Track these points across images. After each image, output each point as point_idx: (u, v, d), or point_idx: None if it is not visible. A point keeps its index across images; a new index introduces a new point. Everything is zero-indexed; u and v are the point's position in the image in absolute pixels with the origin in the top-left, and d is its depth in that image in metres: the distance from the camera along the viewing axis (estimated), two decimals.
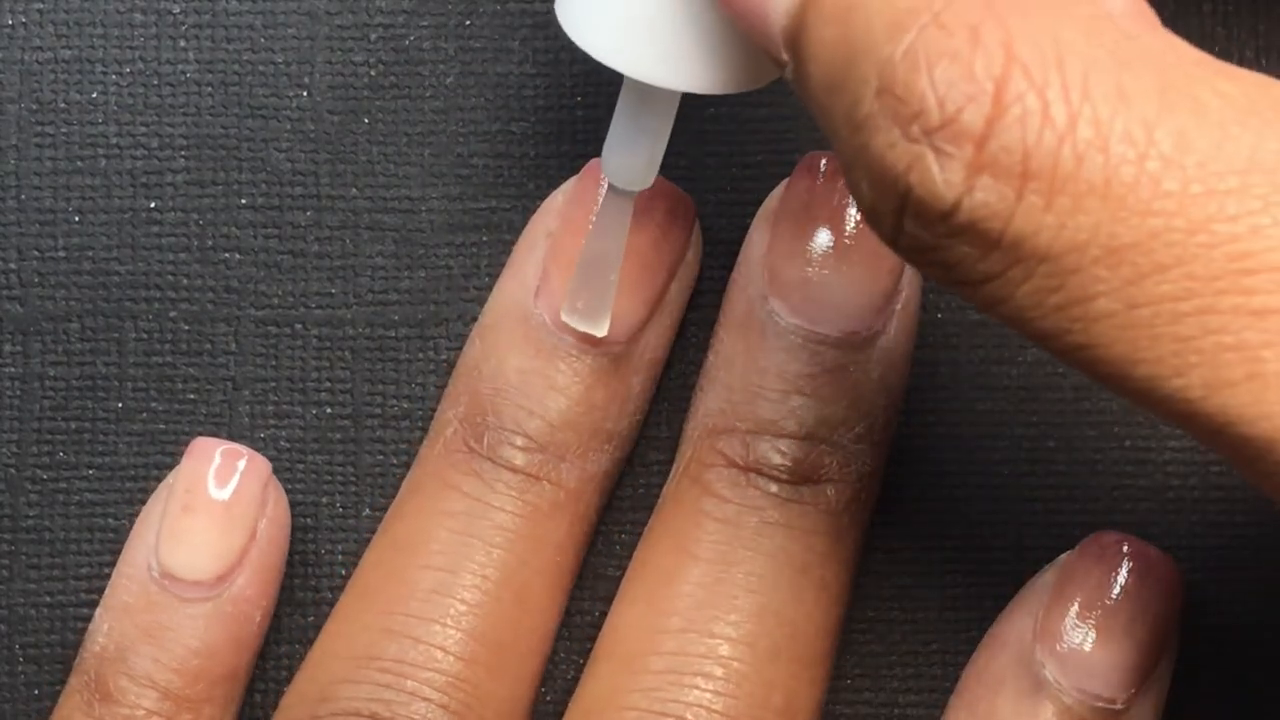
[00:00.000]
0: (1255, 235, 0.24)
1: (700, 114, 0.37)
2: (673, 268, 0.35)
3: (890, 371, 0.35)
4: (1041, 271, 0.25)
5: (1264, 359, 0.24)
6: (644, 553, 0.35)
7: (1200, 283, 0.25)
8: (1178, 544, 0.36)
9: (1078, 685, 0.34)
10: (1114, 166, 0.25)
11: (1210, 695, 0.36)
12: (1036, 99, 0.25)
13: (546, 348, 0.35)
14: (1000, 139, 0.25)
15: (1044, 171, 0.25)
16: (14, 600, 0.37)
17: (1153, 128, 0.25)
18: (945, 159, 0.25)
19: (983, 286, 0.26)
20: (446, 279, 0.37)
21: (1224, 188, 0.25)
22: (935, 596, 0.37)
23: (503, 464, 0.35)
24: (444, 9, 0.38)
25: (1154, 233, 0.25)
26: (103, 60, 0.38)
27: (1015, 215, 0.25)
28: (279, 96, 0.37)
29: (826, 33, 0.26)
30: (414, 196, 0.37)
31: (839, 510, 0.35)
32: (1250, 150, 0.25)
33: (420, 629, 0.34)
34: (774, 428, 0.35)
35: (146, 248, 0.37)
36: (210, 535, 0.35)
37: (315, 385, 0.37)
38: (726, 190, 0.37)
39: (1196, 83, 0.25)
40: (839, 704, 0.37)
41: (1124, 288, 0.25)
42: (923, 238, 0.26)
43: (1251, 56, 0.37)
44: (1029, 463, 0.37)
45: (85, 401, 0.37)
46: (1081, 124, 0.25)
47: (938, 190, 0.25)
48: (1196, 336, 0.25)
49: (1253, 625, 0.36)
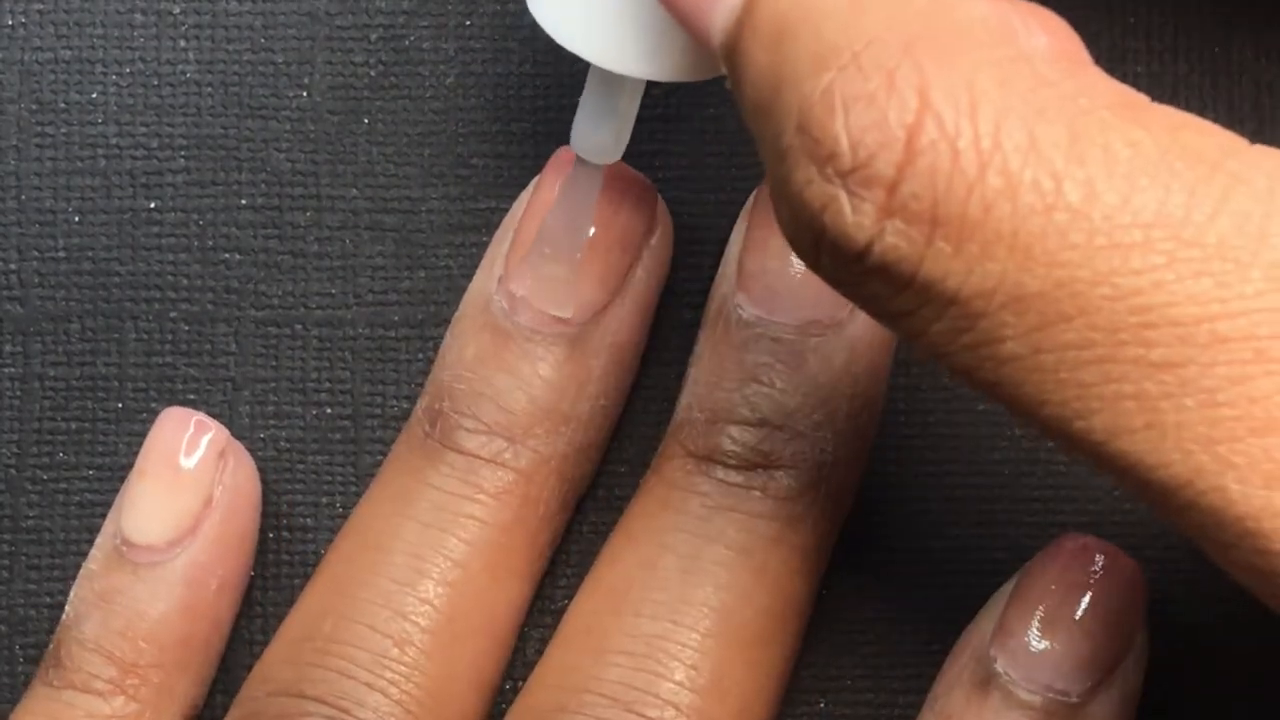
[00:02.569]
0: (1157, 289, 0.25)
1: (700, 114, 0.37)
2: (632, 251, 0.36)
3: (857, 360, 0.35)
4: (951, 314, 0.26)
5: (1162, 409, 0.25)
6: (605, 544, 0.36)
7: (1102, 333, 0.25)
8: (1178, 544, 0.36)
9: (1027, 676, 0.34)
10: (1022, 217, 0.25)
11: (1210, 695, 0.36)
12: (948, 147, 0.25)
13: (502, 332, 0.35)
14: (910, 185, 0.25)
15: (952, 219, 0.25)
16: (14, 600, 0.37)
17: (1061, 179, 0.25)
18: (857, 202, 0.25)
19: (899, 321, 0.26)
20: (446, 279, 0.37)
21: (1128, 241, 0.25)
22: (935, 596, 0.37)
23: (452, 448, 0.35)
24: (444, 9, 0.38)
25: (1059, 283, 0.25)
26: (103, 60, 0.38)
27: (925, 260, 0.25)
28: (279, 97, 0.37)
29: (759, 56, 0.27)
30: (414, 197, 0.37)
31: (792, 496, 0.35)
32: (1157, 204, 0.25)
33: (353, 609, 0.34)
34: (728, 415, 0.35)
35: (146, 248, 0.37)
36: (160, 499, 0.35)
37: (315, 385, 0.37)
38: (726, 190, 0.37)
39: (1109, 131, 0.25)
40: (839, 704, 0.37)
41: (1029, 334, 0.25)
42: (839, 273, 0.26)
43: (1251, 56, 0.37)
44: (1029, 463, 0.37)
45: (85, 401, 0.37)
46: (991, 173, 0.25)
47: (849, 232, 0.26)
48: (1098, 384, 0.25)
49: (1256, 625, 0.36)
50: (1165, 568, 0.36)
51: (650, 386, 0.37)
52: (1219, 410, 0.25)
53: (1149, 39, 0.37)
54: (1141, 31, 0.37)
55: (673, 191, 0.37)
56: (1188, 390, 0.25)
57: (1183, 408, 0.25)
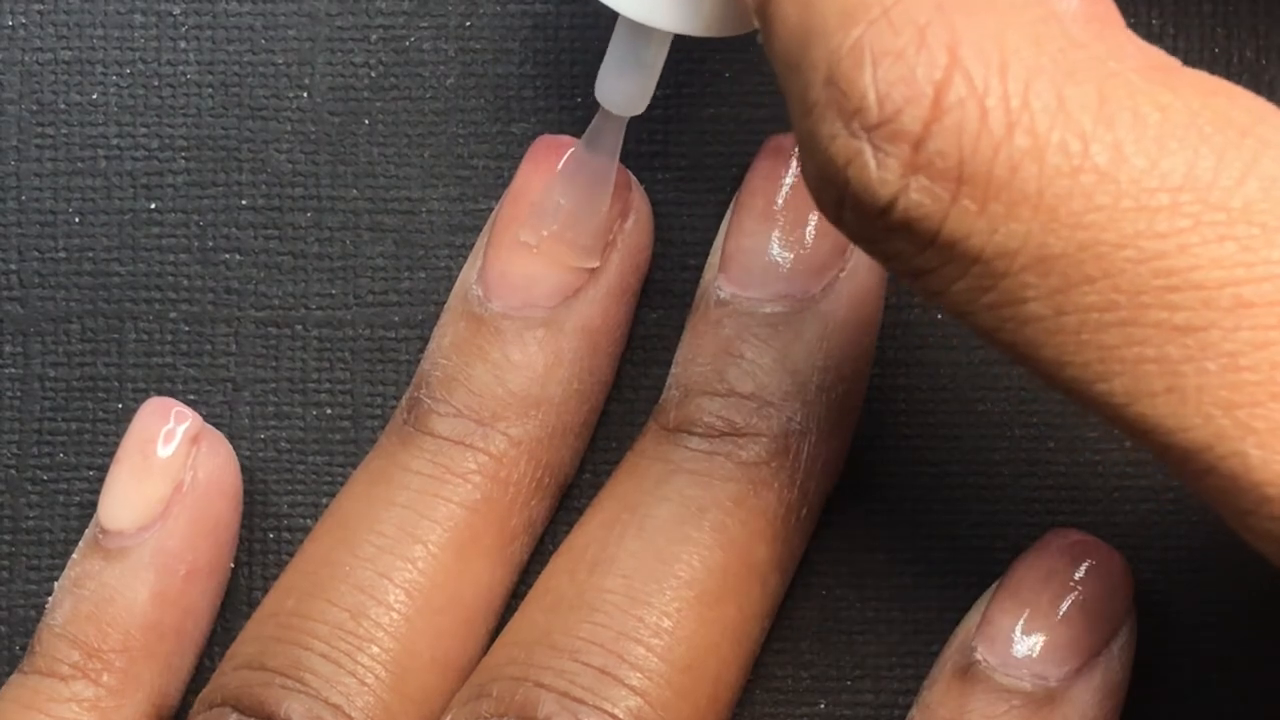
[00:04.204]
0: (1182, 253, 0.25)
1: (700, 114, 0.37)
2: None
3: (829, 336, 0.35)
4: (974, 273, 0.26)
5: (1183, 373, 0.25)
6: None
7: (1126, 296, 0.25)
8: (1178, 544, 0.36)
9: (1004, 661, 0.34)
10: (1048, 178, 0.25)
11: (1211, 696, 0.36)
12: (976, 105, 0.25)
13: (475, 318, 0.35)
14: (936, 142, 0.25)
15: (978, 178, 0.25)
16: (14, 601, 0.37)
17: (1089, 141, 0.25)
18: (882, 157, 0.25)
19: (921, 279, 0.26)
20: (446, 279, 0.37)
21: (1155, 204, 0.25)
22: (935, 596, 0.37)
23: (425, 431, 0.35)
24: (444, 10, 0.38)
25: (1083, 245, 0.25)
26: (103, 61, 0.38)
27: (948, 218, 0.25)
28: (279, 98, 0.37)
29: (789, 10, 0.27)
30: (414, 197, 0.37)
31: (758, 462, 0.35)
32: (1186, 167, 0.25)
33: (313, 585, 0.35)
34: (699, 388, 0.35)
35: (146, 248, 0.37)
36: (129, 484, 0.36)
37: (315, 386, 0.37)
38: (726, 190, 0.37)
39: (1139, 94, 0.25)
40: (839, 704, 0.37)
41: (1052, 295, 0.25)
42: (862, 228, 0.26)
43: (1252, 57, 0.37)
44: (1029, 463, 0.37)
45: (85, 402, 0.37)
46: (1019, 133, 0.25)
47: (873, 187, 0.26)
48: (1120, 346, 0.25)
49: (1255, 625, 0.36)
50: (1165, 568, 0.36)
51: (650, 386, 0.37)
52: (1241, 375, 0.25)
53: (1148, 39, 0.37)
54: (1141, 32, 0.37)
55: (672, 192, 0.37)
56: (1210, 354, 0.25)
57: (1204, 371, 0.25)
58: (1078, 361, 0.26)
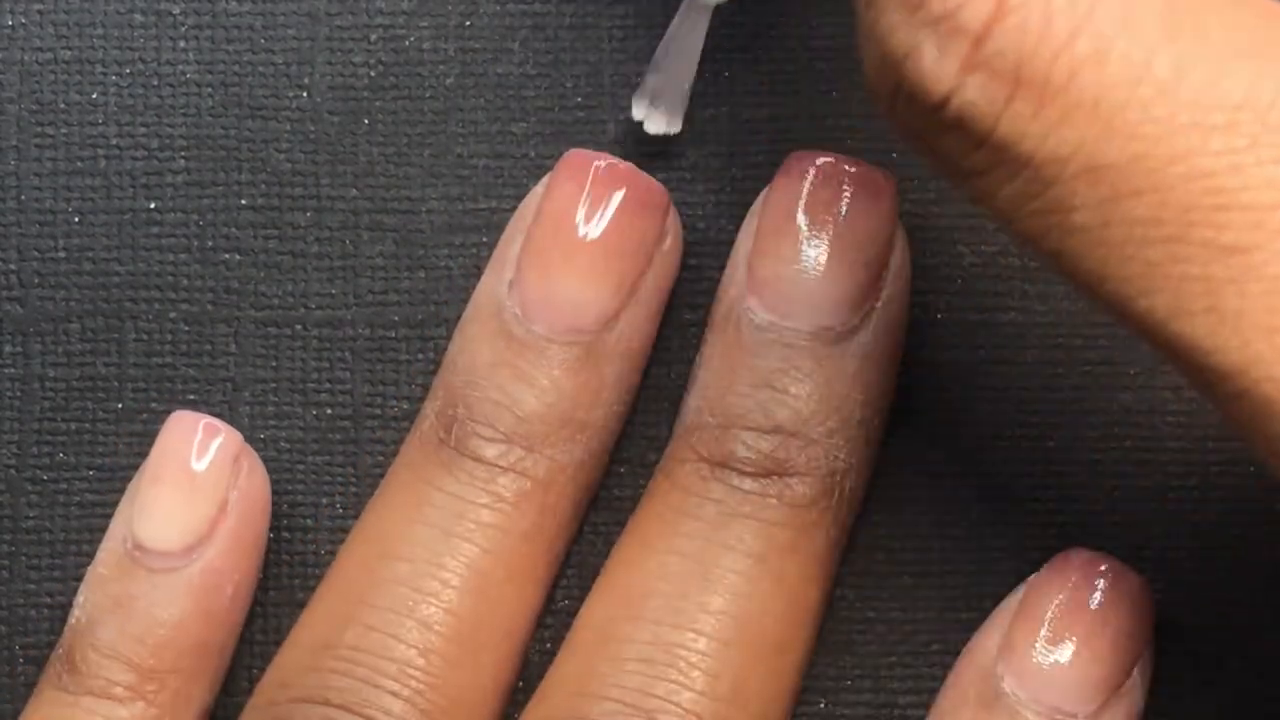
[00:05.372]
0: (1234, 173, 0.25)
1: (700, 114, 0.37)
2: (646, 256, 0.35)
3: (869, 367, 0.35)
4: (1023, 177, 0.26)
5: (1225, 294, 0.25)
6: (616, 547, 0.36)
7: (1174, 212, 0.25)
8: (1178, 544, 0.36)
9: (1035, 697, 0.34)
10: (1106, 86, 0.25)
11: (1211, 696, 0.36)
12: (1041, 7, 0.25)
13: (516, 339, 0.35)
14: (997, 42, 0.25)
15: (1036, 80, 0.25)
16: (14, 601, 0.37)
17: (1152, 53, 0.25)
18: (941, 52, 0.25)
19: (969, 180, 0.26)
20: (446, 279, 0.37)
21: (1211, 122, 0.25)
22: (935, 596, 0.37)
23: (469, 455, 0.35)
24: (444, 10, 0.38)
25: (1135, 156, 0.25)
26: (103, 61, 0.38)
27: (1002, 119, 0.25)
28: (279, 97, 0.37)
29: None
30: (414, 197, 0.37)
31: (806, 504, 0.35)
32: (1246, 87, 0.25)
33: (376, 617, 0.34)
34: (742, 421, 0.35)
35: (146, 248, 0.37)
36: (178, 505, 0.35)
37: (315, 386, 0.37)
38: (726, 190, 0.37)
39: (1206, 10, 0.25)
40: (839, 704, 0.37)
41: (1100, 205, 0.25)
42: (914, 123, 0.26)
43: None
44: (1029, 463, 0.37)
45: (85, 402, 0.37)
46: (1082, 39, 0.25)
47: (929, 81, 0.26)
48: (1164, 263, 0.25)
49: (1256, 625, 0.36)
50: (1165, 568, 0.36)
51: (650, 386, 0.37)
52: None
53: None
54: None
55: (673, 192, 0.37)
56: (1253, 276, 0.25)
57: (1246, 294, 0.25)
58: (1119, 275, 0.25)
